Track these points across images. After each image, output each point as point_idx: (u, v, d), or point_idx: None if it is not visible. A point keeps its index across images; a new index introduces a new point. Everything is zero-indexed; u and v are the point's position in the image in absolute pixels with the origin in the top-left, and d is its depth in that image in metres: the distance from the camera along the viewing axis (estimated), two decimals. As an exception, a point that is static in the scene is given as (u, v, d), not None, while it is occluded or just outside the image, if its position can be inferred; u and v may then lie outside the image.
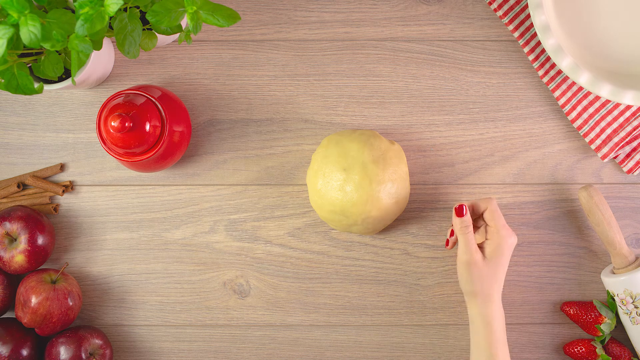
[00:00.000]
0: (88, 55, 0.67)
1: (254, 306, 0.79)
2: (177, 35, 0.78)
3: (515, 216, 0.79)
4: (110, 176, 0.80)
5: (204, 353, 0.79)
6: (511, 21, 0.78)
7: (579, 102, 0.78)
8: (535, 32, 0.78)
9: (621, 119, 0.77)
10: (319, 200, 0.74)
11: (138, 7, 0.65)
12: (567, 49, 0.76)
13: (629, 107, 0.77)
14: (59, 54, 0.66)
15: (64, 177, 0.80)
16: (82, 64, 0.61)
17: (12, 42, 0.54)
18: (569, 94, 0.78)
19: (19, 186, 0.79)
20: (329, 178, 0.73)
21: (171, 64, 0.80)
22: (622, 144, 0.77)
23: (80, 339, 0.75)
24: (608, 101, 0.77)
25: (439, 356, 0.79)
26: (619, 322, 0.78)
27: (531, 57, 0.78)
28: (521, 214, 0.79)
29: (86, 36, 0.58)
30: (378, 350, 0.79)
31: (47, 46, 0.55)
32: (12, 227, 0.74)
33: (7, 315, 0.80)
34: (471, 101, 0.79)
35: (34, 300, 0.73)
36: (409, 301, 0.79)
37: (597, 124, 0.77)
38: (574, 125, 0.78)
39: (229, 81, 0.80)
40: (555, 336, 0.79)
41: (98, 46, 0.62)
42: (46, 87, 0.70)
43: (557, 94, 0.78)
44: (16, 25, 0.54)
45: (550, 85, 0.78)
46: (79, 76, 0.70)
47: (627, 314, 0.74)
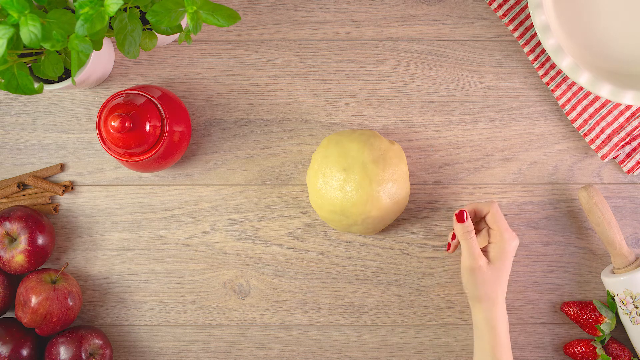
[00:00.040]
0: (88, 55, 0.67)
1: (254, 306, 0.79)
2: (177, 35, 0.78)
3: (515, 216, 0.79)
4: (110, 176, 0.80)
5: (204, 353, 0.79)
6: (511, 21, 0.78)
7: (579, 102, 0.78)
8: (535, 32, 0.78)
9: (621, 119, 0.77)
10: (319, 200, 0.74)
11: (138, 7, 0.65)
12: (567, 49, 0.76)
13: (629, 107, 0.77)
14: (59, 54, 0.66)
15: (64, 177, 0.80)
16: (82, 64, 0.61)
17: (12, 42, 0.54)
18: (569, 94, 0.78)
19: (19, 186, 0.79)
20: (329, 178, 0.73)
21: (171, 64, 0.80)
22: (622, 144, 0.77)
23: (80, 339, 0.75)
24: (608, 101, 0.77)
25: (439, 356, 0.79)
26: (619, 322, 0.78)
27: (531, 57, 0.78)
28: (521, 214, 0.79)
29: (86, 36, 0.58)
30: (378, 350, 0.79)
31: (47, 46, 0.55)
32: (12, 227, 0.74)
33: (7, 315, 0.80)
34: (471, 101, 0.79)
35: (34, 300, 0.73)
36: (409, 301, 0.79)
37: (597, 124, 0.77)
38: (574, 125, 0.78)
39: (229, 81, 0.80)
40: (555, 336, 0.79)
41: (98, 46, 0.62)
42: (46, 87, 0.70)
43: (557, 94, 0.78)
44: (16, 25, 0.54)
45: (550, 85, 0.78)
46: (79, 76, 0.70)
47: (627, 314, 0.74)
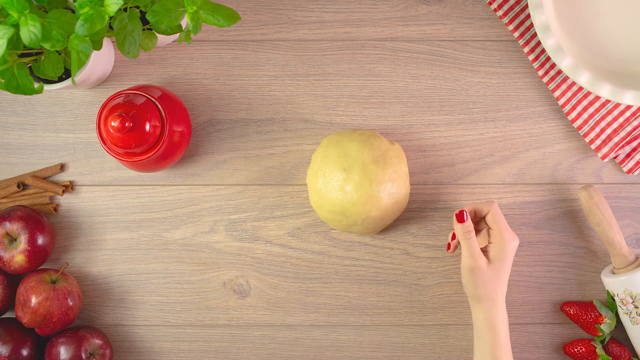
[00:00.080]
0: (88, 55, 0.67)
1: (254, 306, 0.79)
2: (177, 35, 0.78)
3: (515, 216, 0.79)
4: (110, 176, 0.80)
5: (204, 353, 0.79)
6: (511, 21, 0.78)
7: (579, 102, 0.78)
8: (535, 32, 0.78)
9: (621, 119, 0.77)
10: (319, 200, 0.74)
11: (138, 7, 0.65)
12: (567, 49, 0.76)
13: (629, 107, 0.77)
14: (59, 54, 0.66)
15: (64, 177, 0.80)
16: (82, 64, 0.61)
17: (12, 42, 0.54)
18: (569, 94, 0.78)
19: (19, 186, 0.79)
20: (329, 178, 0.73)
21: (171, 64, 0.80)
22: (622, 144, 0.77)
23: (80, 339, 0.75)
24: (608, 101, 0.77)
25: (439, 356, 0.79)
26: (619, 322, 0.78)
27: (531, 57, 0.78)
28: (521, 214, 0.79)
29: (86, 36, 0.58)
30: (378, 350, 0.79)
31: (47, 46, 0.55)
32: (12, 227, 0.74)
33: (7, 315, 0.80)
34: (471, 101, 0.79)
35: (34, 300, 0.73)
36: (409, 301, 0.79)
37: (597, 124, 0.77)
38: (574, 125, 0.78)
39: (229, 81, 0.80)
40: (555, 336, 0.79)
41: (98, 46, 0.62)
42: (46, 87, 0.70)
43: (557, 94, 0.78)
44: (16, 25, 0.54)
45: (550, 85, 0.78)
46: (79, 76, 0.70)
47: (627, 314, 0.74)
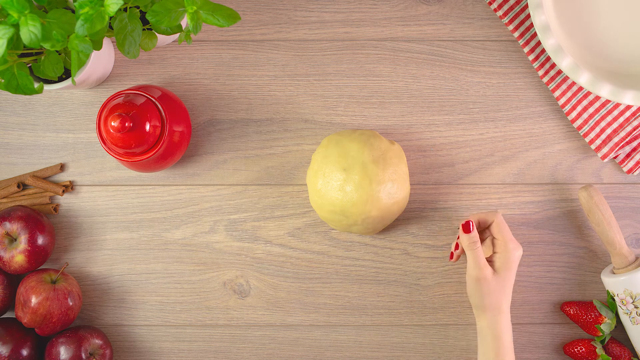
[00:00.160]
0: (88, 55, 0.67)
1: (254, 306, 0.79)
2: (177, 35, 0.78)
3: (515, 216, 0.79)
4: (110, 176, 0.80)
5: (204, 353, 0.79)
6: (511, 21, 0.78)
7: (579, 102, 0.78)
8: (535, 32, 0.78)
9: (621, 119, 0.77)
10: (319, 200, 0.74)
11: (138, 7, 0.65)
12: (567, 49, 0.76)
13: (629, 107, 0.77)
14: (59, 54, 0.66)
15: (64, 177, 0.80)
16: (82, 64, 0.61)
17: (12, 42, 0.54)
18: (569, 94, 0.78)
19: (19, 186, 0.79)
20: (329, 178, 0.73)
21: (171, 64, 0.80)
22: (622, 144, 0.77)
23: (80, 339, 0.75)
24: (608, 101, 0.77)
25: (439, 356, 0.79)
26: (619, 322, 0.78)
27: (531, 57, 0.78)
28: (521, 214, 0.79)
29: (86, 36, 0.58)
30: (378, 350, 0.79)
31: (47, 46, 0.55)
32: (12, 227, 0.74)
33: (7, 315, 0.80)
34: (471, 101, 0.79)
35: (34, 300, 0.73)
36: (409, 301, 0.79)
37: (597, 124, 0.77)
38: (574, 125, 0.78)
39: (229, 81, 0.80)
40: (555, 336, 0.79)
41: (98, 46, 0.62)
42: (46, 87, 0.70)
43: (557, 94, 0.78)
44: (16, 25, 0.54)
45: (550, 85, 0.78)
46: (79, 76, 0.70)
47: (627, 314, 0.74)
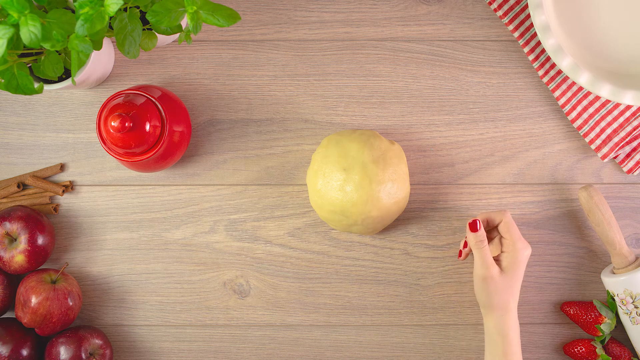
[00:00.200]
0: (88, 55, 0.67)
1: (254, 306, 0.79)
2: (177, 35, 0.78)
3: (515, 216, 0.79)
4: (110, 176, 0.80)
5: (204, 353, 0.79)
6: (511, 21, 0.78)
7: (579, 102, 0.78)
8: (535, 32, 0.78)
9: (621, 119, 0.77)
10: (319, 200, 0.74)
11: (138, 7, 0.65)
12: (567, 49, 0.76)
13: (629, 107, 0.77)
14: (59, 54, 0.66)
15: (64, 177, 0.80)
16: (82, 64, 0.61)
17: (12, 42, 0.54)
18: (569, 94, 0.78)
19: (19, 186, 0.79)
20: (329, 178, 0.73)
21: (171, 64, 0.80)
22: (622, 144, 0.77)
23: (80, 339, 0.75)
24: (608, 101, 0.77)
25: (439, 356, 0.79)
26: (619, 322, 0.78)
27: (531, 57, 0.78)
28: (521, 214, 0.79)
29: (86, 36, 0.58)
30: (378, 350, 0.79)
31: (47, 46, 0.55)
32: (12, 227, 0.74)
33: (7, 315, 0.80)
34: (471, 101, 0.79)
35: (34, 300, 0.73)
36: (409, 301, 0.79)
37: (597, 124, 0.77)
38: (574, 125, 0.78)
39: (229, 81, 0.80)
40: (555, 336, 0.79)
41: (98, 46, 0.62)
42: (46, 87, 0.70)
43: (557, 94, 0.78)
44: (16, 25, 0.54)
45: (550, 85, 0.78)
46: (79, 76, 0.70)
47: (627, 314, 0.74)
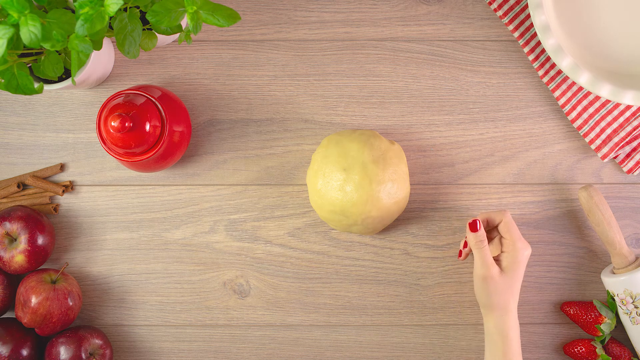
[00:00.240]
0: (88, 55, 0.67)
1: (254, 306, 0.79)
2: (177, 35, 0.78)
3: (515, 216, 0.79)
4: (110, 176, 0.80)
5: (204, 353, 0.79)
6: (511, 21, 0.78)
7: (579, 102, 0.78)
8: (535, 32, 0.78)
9: (621, 119, 0.77)
10: (319, 200, 0.74)
11: (138, 7, 0.65)
12: (567, 49, 0.76)
13: (629, 107, 0.77)
14: (59, 54, 0.66)
15: (64, 177, 0.80)
16: (82, 64, 0.61)
17: (12, 42, 0.54)
18: (569, 94, 0.78)
19: (19, 186, 0.79)
20: (329, 178, 0.73)
21: (171, 64, 0.80)
22: (622, 144, 0.77)
23: (80, 339, 0.75)
24: (608, 101, 0.77)
25: (439, 356, 0.79)
26: (619, 322, 0.78)
27: (531, 57, 0.78)
28: (521, 214, 0.79)
29: (86, 36, 0.58)
30: (378, 350, 0.79)
31: (47, 46, 0.55)
32: (12, 227, 0.74)
33: (7, 315, 0.80)
34: (471, 101, 0.79)
35: (34, 300, 0.73)
36: (409, 301, 0.79)
37: (597, 124, 0.77)
38: (574, 125, 0.78)
39: (229, 81, 0.80)
40: (555, 336, 0.79)
41: (98, 46, 0.62)
42: (46, 87, 0.70)
43: (557, 94, 0.78)
44: (16, 25, 0.54)
45: (550, 85, 0.78)
46: (79, 76, 0.70)
47: (627, 314, 0.74)
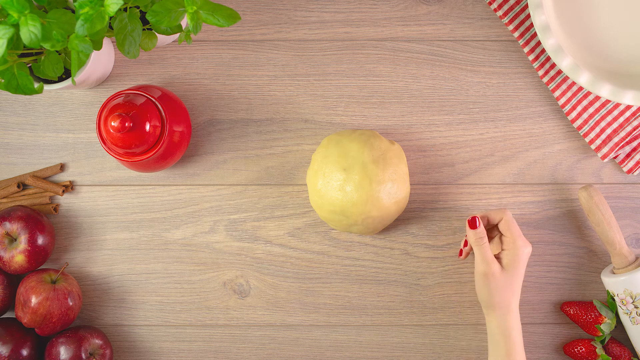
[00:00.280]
0: (88, 55, 0.67)
1: (254, 306, 0.79)
2: (177, 35, 0.78)
3: (515, 216, 0.79)
4: (110, 176, 0.80)
5: (204, 353, 0.79)
6: (511, 21, 0.78)
7: (579, 102, 0.78)
8: (535, 32, 0.78)
9: (621, 119, 0.77)
10: (319, 200, 0.74)
11: (138, 7, 0.65)
12: (567, 49, 0.76)
13: (629, 107, 0.77)
14: (59, 54, 0.66)
15: (64, 177, 0.80)
16: (82, 64, 0.61)
17: (12, 42, 0.54)
18: (569, 94, 0.78)
19: (19, 186, 0.79)
20: (329, 178, 0.73)
21: (171, 64, 0.80)
22: (622, 144, 0.77)
23: (80, 339, 0.75)
24: (608, 101, 0.77)
25: (439, 356, 0.79)
26: (619, 322, 0.78)
27: (531, 57, 0.78)
28: (521, 214, 0.79)
29: (86, 36, 0.58)
30: (378, 350, 0.79)
31: (47, 46, 0.55)
32: (12, 227, 0.74)
33: (7, 315, 0.80)
34: (471, 101, 0.79)
35: (34, 300, 0.73)
36: (409, 301, 0.79)
37: (597, 124, 0.77)
38: (574, 125, 0.78)
39: (229, 81, 0.80)
40: (555, 336, 0.79)
41: (98, 46, 0.62)
42: (46, 87, 0.70)
43: (557, 94, 0.78)
44: (16, 25, 0.54)
45: (550, 85, 0.78)
46: (79, 76, 0.70)
47: (627, 314, 0.74)
